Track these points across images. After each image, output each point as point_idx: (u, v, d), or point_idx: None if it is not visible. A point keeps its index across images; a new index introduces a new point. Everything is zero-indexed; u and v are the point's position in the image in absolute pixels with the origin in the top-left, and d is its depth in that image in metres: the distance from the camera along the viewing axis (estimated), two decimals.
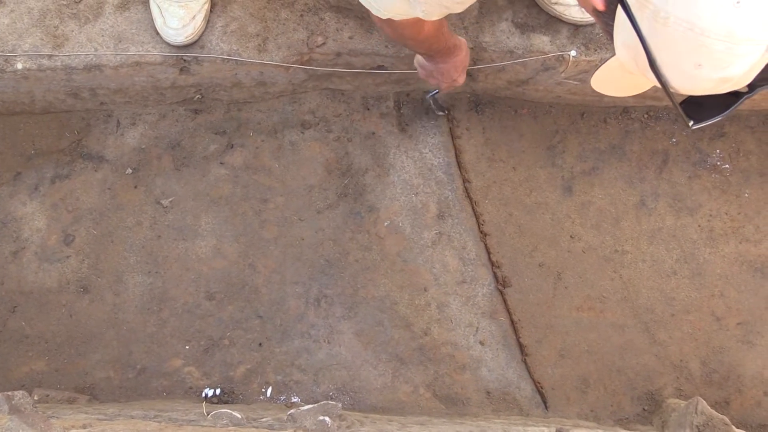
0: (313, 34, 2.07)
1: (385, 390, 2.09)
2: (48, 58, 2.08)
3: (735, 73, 1.06)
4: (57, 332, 2.19)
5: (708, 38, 1.04)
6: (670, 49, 1.14)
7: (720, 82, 1.10)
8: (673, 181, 2.19)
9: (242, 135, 2.28)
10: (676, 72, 1.15)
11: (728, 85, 1.12)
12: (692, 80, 1.14)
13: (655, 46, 1.16)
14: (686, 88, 1.15)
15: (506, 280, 2.15)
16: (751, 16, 1.00)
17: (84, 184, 2.28)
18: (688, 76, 1.13)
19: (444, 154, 2.23)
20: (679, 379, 2.08)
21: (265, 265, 2.19)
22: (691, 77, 1.13)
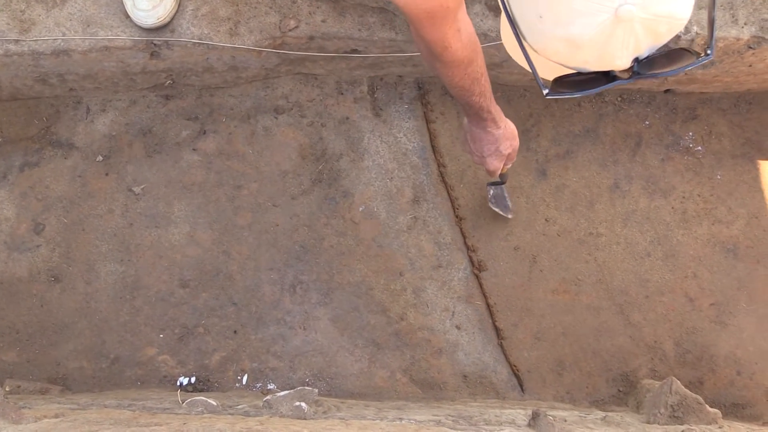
0: (285, 17, 2.04)
1: (362, 375, 2.09)
2: (14, 43, 2.04)
3: (580, 34, 1.03)
4: (28, 322, 2.16)
5: None
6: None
7: (571, 46, 1.06)
8: (647, 163, 2.20)
9: (215, 121, 2.25)
10: (525, 24, 1.13)
11: (588, 56, 1.08)
12: (540, 36, 1.11)
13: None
14: (539, 46, 1.13)
15: (482, 264, 2.15)
16: None
17: (54, 172, 2.25)
18: (535, 30, 1.11)
19: (419, 138, 2.22)
20: (653, 360, 2.09)
21: (240, 252, 2.17)
22: (538, 32, 1.10)
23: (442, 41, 1.43)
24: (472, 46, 1.50)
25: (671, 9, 1.01)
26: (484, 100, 1.62)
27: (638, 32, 1.01)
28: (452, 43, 1.44)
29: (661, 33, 1.04)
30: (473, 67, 1.53)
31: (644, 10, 0.98)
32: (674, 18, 1.02)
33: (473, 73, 1.54)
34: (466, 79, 1.54)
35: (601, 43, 1.03)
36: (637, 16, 0.98)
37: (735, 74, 2.08)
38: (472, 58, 1.51)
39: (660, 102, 2.23)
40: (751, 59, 2.01)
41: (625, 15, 0.98)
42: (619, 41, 1.03)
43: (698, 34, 1.93)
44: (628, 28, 1.00)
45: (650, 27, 1.01)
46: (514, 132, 1.79)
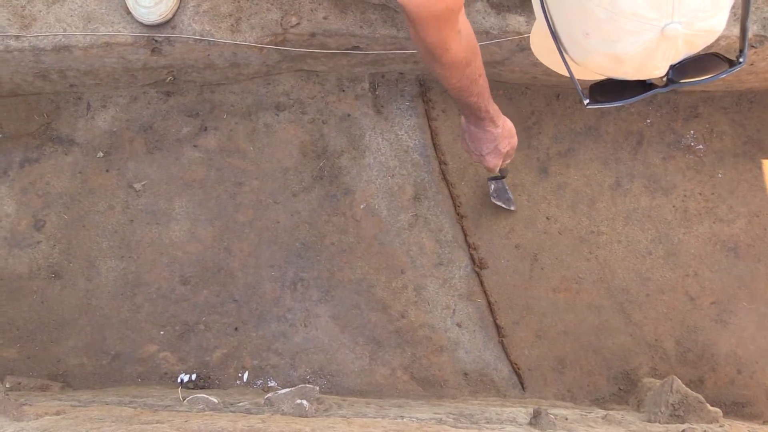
0: (287, 14, 2.04)
1: (363, 373, 2.09)
2: (15, 39, 2.03)
3: (625, 51, 1.04)
4: (29, 319, 2.16)
5: (590, 2, 1.02)
6: (561, 11, 1.12)
7: (614, 60, 1.08)
8: (648, 161, 2.20)
9: (216, 117, 2.25)
10: (568, 39, 1.14)
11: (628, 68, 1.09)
12: (584, 51, 1.12)
13: (552, 6, 1.15)
14: (582, 59, 1.14)
15: (483, 262, 2.15)
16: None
17: (54, 168, 2.24)
18: (579, 46, 1.12)
19: (420, 135, 2.22)
20: (654, 358, 2.09)
21: (241, 249, 2.17)
22: (582, 48, 1.11)
23: (443, 44, 1.44)
24: (471, 48, 1.51)
25: (713, 24, 1.03)
26: (482, 100, 1.63)
27: (679, 46, 1.03)
28: (452, 46, 1.45)
29: (698, 44, 1.07)
30: (471, 68, 1.54)
31: (688, 27, 1.00)
32: (713, 31, 1.05)
33: (471, 74, 1.55)
34: (464, 80, 1.55)
35: (644, 57, 1.05)
36: (681, 34, 1.00)
37: (737, 73, 2.07)
38: (471, 60, 1.52)
39: (661, 100, 2.22)
40: (753, 58, 2.00)
41: (671, 33, 1.00)
42: (661, 54, 1.04)
43: None
44: (672, 43, 1.02)
45: (690, 40, 1.04)
46: (512, 130, 1.79)
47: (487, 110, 1.67)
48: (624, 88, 1.16)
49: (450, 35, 1.42)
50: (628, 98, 1.16)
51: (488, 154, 1.78)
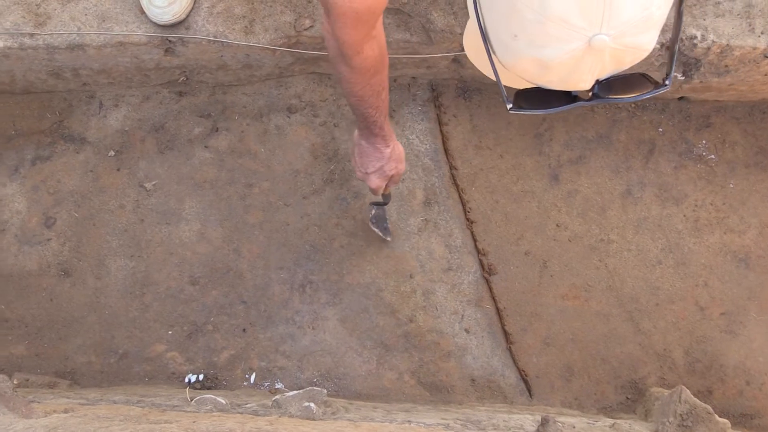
0: (300, 16, 2.04)
1: (370, 377, 2.09)
2: (30, 37, 2.04)
3: (551, 58, 1.04)
4: (37, 316, 2.16)
5: (520, 1, 1.01)
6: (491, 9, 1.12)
7: (540, 66, 1.08)
8: (660, 170, 2.19)
9: (227, 118, 2.25)
10: (497, 40, 1.14)
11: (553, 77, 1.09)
12: (511, 53, 1.11)
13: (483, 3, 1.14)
14: (509, 62, 1.14)
15: (492, 268, 2.15)
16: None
17: (65, 166, 2.25)
18: (507, 47, 1.11)
19: (431, 140, 2.22)
20: (662, 368, 2.08)
21: (250, 250, 2.17)
22: (510, 49, 1.11)
23: (356, 45, 1.43)
24: (382, 58, 1.51)
25: (641, 41, 1.04)
26: (379, 115, 1.62)
27: (606, 60, 1.04)
28: (365, 50, 1.44)
29: (625, 61, 1.08)
30: (377, 79, 1.53)
31: (616, 41, 1.01)
32: (641, 49, 1.06)
33: (376, 85, 1.54)
34: (367, 89, 1.54)
35: (570, 67, 1.06)
36: (608, 47, 1.00)
37: (750, 83, 2.08)
38: (379, 70, 1.52)
39: (674, 109, 2.22)
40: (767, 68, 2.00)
41: (598, 45, 1.00)
42: (587, 66, 1.05)
43: (714, 42, 1.93)
44: (598, 56, 1.02)
45: (617, 56, 1.05)
46: (402, 155, 1.78)
47: (381, 127, 1.66)
48: (549, 98, 1.15)
49: (365, 38, 1.43)
50: (552, 108, 1.16)
51: (373, 173, 1.76)
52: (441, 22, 2.01)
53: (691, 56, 1.97)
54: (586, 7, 0.96)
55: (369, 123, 1.63)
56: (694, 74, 2.02)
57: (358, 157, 1.76)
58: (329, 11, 1.37)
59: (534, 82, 1.14)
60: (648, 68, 1.11)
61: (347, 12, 1.34)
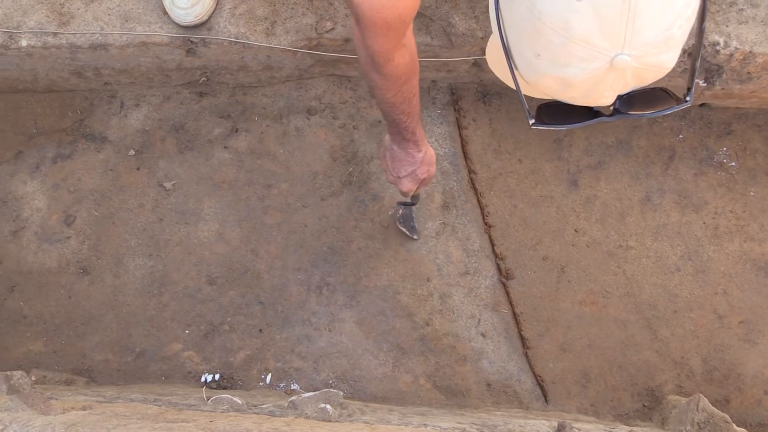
0: (322, 19, 2.05)
1: (385, 379, 2.08)
2: (53, 36, 2.05)
3: (573, 76, 1.04)
4: (56, 313, 2.17)
5: (544, 25, 1.02)
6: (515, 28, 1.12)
7: (562, 84, 1.08)
8: (679, 177, 2.18)
9: (247, 119, 2.26)
10: (520, 58, 1.14)
11: (575, 93, 1.09)
12: (534, 71, 1.12)
13: (507, 21, 1.14)
14: (531, 79, 1.14)
15: (509, 273, 2.14)
16: (591, 17, 0.98)
17: (86, 165, 2.26)
18: (530, 65, 1.11)
19: (450, 144, 2.21)
20: (679, 376, 2.07)
21: (268, 251, 2.17)
22: (532, 67, 1.11)
23: (387, 53, 1.43)
24: (412, 65, 1.51)
25: (662, 60, 1.04)
26: (411, 121, 1.62)
27: (627, 77, 1.04)
28: (396, 57, 1.44)
29: (647, 78, 1.08)
30: (409, 85, 1.53)
31: (638, 60, 1.01)
32: (662, 67, 1.07)
33: (407, 92, 1.54)
34: (399, 96, 1.54)
35: (592, 84, 1.06)
36: (630, 66, 1.01)
37: None
38: (410, 76, 1.52)
39: (695, 116, 2.21)
40: None
41: (621, 65, 1.01)
42: (609, 84, 1.05)
43: (737, 49, 1.92)
44: (620, 74, 1.02)
45: (639, 74, 1.05)
46: (433, 158, 1.78)
47: (413, 132, 1.66)
48: (570, 112, 1.16)
49: (396, 46, 1.42)
50: (573, 123, 1.17)
51: (405, 177, 1.76)
52: (462, 26, 2.01)
53: (713, 63, 1.96)
54: (608, 29, 0.97)
55: (401, 128, 1.63)
56: (716, 81, 2.01)
57: (390, 161, 1.75)
58: (360, 21, 1.37)
59: (556, 98, 1.14)
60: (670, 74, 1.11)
61: (378, 21, 1.35)
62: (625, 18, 0.96)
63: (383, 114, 1.63)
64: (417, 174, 1.75)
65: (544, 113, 1.18)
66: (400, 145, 1.70)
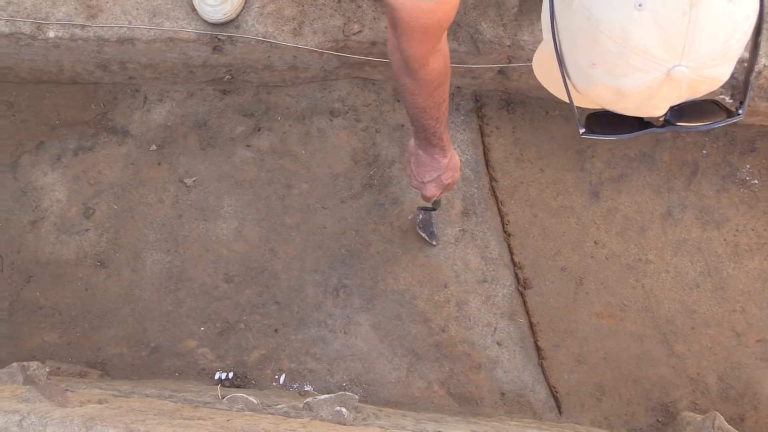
0: (349, 21, 2.04)
1: (399, 384, 2.08)
2: (81, 28, 2.06)
3: (629, 87, 1.03)
4: (72, 305, 2.17)
5: (602, 33, 1.01)
6: (571, 37, 1.11)
7: (617, 94, 1.07)
8: (702, 193, 2.17)
9: (270, 119, 2.26)
10: (574, 67, 1.13)
11: (628, 104, 1.09)
12: (588, 80, 1.11)
13: (562, 29, 1.13)
14: (584, 88, 1.13)
15: (527, 282, 2.13)
16: (651, 28, 0.97)
17: (107, 158, 2.27)
18: (584, 74, 1.10)
19: (472, 151, 2.21)
20: (695, 392, 2.06)
21: (286, 251, 2.17)
22: (587, 77, 1.10)
23: (422, 58, 1.43)
24: (446, 70, 1.51)
25: (718, 72, 1.04)
26: (439, 126, 1.62)
27: (682, 89, 1.03)
28: (431, 62, 1.44)
29: (701, 90, 1.08)
30: (440, 91, 1.53)
31: (695, 72, 1.01)
32: (717, 80, 1.06)
33: (438, 97, 1.54)
34: (429, 101, 1.54)
35: (646, 95, 1.05)
36: (687, 78, 1.00)
37: None
38: (442, 82, 1.52)
39: (719, 132, 2.20)
40: None
41: (677, 76, 1.00)
42: (663, 95, 1.05)
43: (765, 66, 1.91)
44: (676, 86, 1.02)
45: (694, 85, 1.05)
46: (458, 164, 1.78)
47: (440, 137, 1.66)
48: (620, 122, 1.15)
49: (431, 51, 1.42)
50: (624, 133, 1.16)
51: (429, 183, 1.76)
52: (490, 33, 2.00)
53: (740, 79, 1.95)
54: (667, 40, 0.96)
55: (429, 134, 1.63)
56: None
57: (415, 166, 1.75)
58: (396, 25, 1.36)
59: (608, 107, 1.13)
60: None
61: (415, 27, 1.34)
62: (685, 29, 0.95)
63: (411, 119, 1.63)
64: (442, 179, 1.75)
65: (594, 123, 1.17)
66: (426, 150, 1.70)
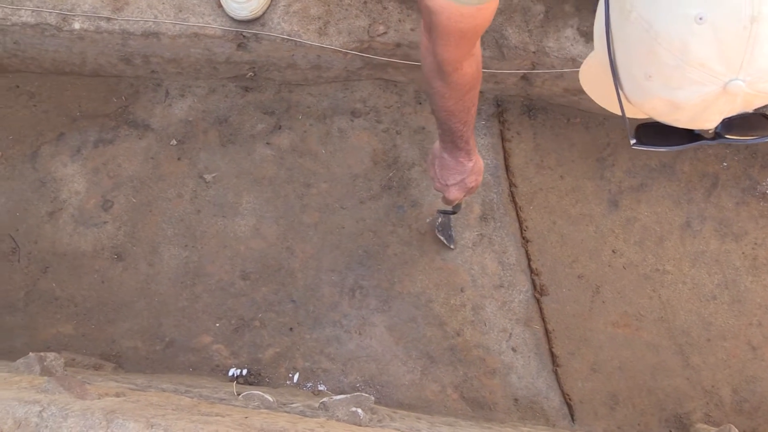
0: (375, 22, 2.05)
1: (413, 387, 2.08)
2: (106, 21, 2.06)
3: (684, 100, 1.03)
4: (87, 297, 2.17)
5: (660, 46, 1.00)
6: (627, 48, 1.10)
7: (671, 107, 1.06)
8: (721, 205, 2.17)
9: (291, 117, 2.26)
10: (628, 77, 1.11)
11: (682, 116, 1.08)
12: (642, 92, 1.09)
13: (617, 40, 1.12)
14: (638, 100, 1.12)
15: (544, 289, 2.13)
16: (711, 41, 0.96)
17: (127, 151, 2.27)
18: (639, 86, 1.09)
19: (493, 156, 2.21)
20: (709, 404, 2.06)
21: (303, 250, 2.17)
22: (641, 88, 1.09)
23: (456, 62, 1.43)
24: (478, 74, 1.51)
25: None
26: (466, 130, 1.62)
27: (737, 102, 1.03)
28: (464, 66, 1.45)
29: (754, 104, 1.06)
30: (470, 95, 1.53)
31: (752, 86, 1.00)
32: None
33: (468, 101, 1.54)
34: (459, 104, 1.54)
35: (701, 108, 1.04)
36: (743, 92, 0.99)
37: None
38: (473, 86, 1.52)
39: (740, 145, 2.19)
40: None
41: (734, 90, 0.99)
42: (718, 108, 1.04)
43: None
44: (731, 99, 1.01)
45: (749, 99, 1.03)
46: (481, 168, 1.78)
47: (467, 141, 1.66)
48: (671, 134, 1.14)
49: (466, 55, 1.43)
50: (674, 145, 1.15)
51: (453, 186, 1.76)
52: (515, 39, 2.00)
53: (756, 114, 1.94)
54: (726, 54, 0.96)
55: (455, 137, 1.63)
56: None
57: (439, 169, 1.75)
58: (432, 29, 1.37)
59: (660, 119, 1.12)
60: None
61: (453, 31, 1.35)
62: (744, 44, 0.95)
63: (439, 121, 1.63)
64: (466, 183, 1.75)
65: (643, 133, 1.17)
66: (451, 153, 1.70)
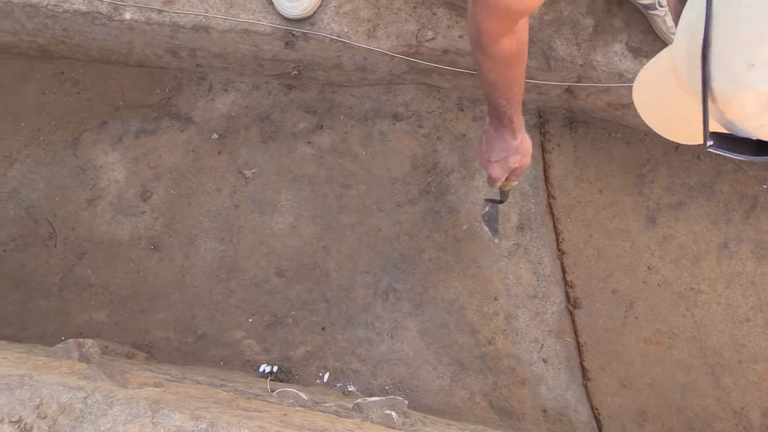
0: (423, 27, 2.05)
1: (442, 393, 2.08)
2: (158, 13, 2.07)
3: None
4: (122, 285, 2.19)
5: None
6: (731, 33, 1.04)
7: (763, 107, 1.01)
8: (759, 227, 2.16)
9: (333, 117, 2.27)
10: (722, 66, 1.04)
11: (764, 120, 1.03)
12: (736, 84, 1.02)
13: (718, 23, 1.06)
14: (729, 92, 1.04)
15: (577, 302, 2.13)
16: None
17: (168, 143, 2.28)
18: (735, 77, 1.02)
19: (532, 166, 2.21)
20: (737, 426, 2.05)
21: (339, 251, 2.18)
22: (737, 80, 1.01)
23: (495, 36, 1.42)
24: (518, 53, 1.49)
25: None
26: (510, 106, 1.60)
27: None
28: (502, 42, 1.43)
29: None
30: (512, 71, 1.51)
31: None
32: None
33: (510, 77, 1.52)
34: (501, 79, 1.52)
35: None
36: None
37: None
38: (514, 63, 1.50)
39: None
40: None
41: None
42: None
43: None
44: None
45: None
46: (529, 149, 1.74)
47: (511, 119, 1.63)
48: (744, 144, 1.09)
49: (506, 32, 1.41)
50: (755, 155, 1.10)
51: (496, 162, 1.71)
52: (563, 51, 2.00)
53: None
54: None
55: (499, 112, 1.61)
56: None
57: (485, 144, 1.72)
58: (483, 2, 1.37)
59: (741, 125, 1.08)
60: None
61: (499, 6, 1.35)
62: None
63: (484, 95, 1.62)
64: (508, 161, 1.71)
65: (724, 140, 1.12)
66: (496, 128, 1.68)
